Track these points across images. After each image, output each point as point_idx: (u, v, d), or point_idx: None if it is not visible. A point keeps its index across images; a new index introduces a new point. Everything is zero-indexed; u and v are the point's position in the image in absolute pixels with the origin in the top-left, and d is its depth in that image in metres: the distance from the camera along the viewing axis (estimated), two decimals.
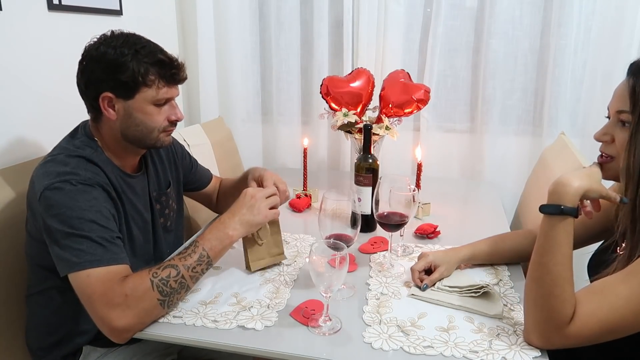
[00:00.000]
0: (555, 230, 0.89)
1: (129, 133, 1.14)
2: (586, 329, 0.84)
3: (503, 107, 2.02)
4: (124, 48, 1.07)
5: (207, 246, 1.07)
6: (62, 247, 0.99)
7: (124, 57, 1.07)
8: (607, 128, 0.96)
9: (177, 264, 1.02)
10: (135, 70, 1.07)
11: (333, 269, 0.93)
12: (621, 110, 0.92)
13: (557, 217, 0.88)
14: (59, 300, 1.15)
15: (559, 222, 0.88)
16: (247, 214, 1.14)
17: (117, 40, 1.09)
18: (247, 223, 1.14)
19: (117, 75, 1.07)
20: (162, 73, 1.11)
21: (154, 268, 1.01)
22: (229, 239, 1.11)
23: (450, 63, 2.06)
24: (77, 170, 1.06)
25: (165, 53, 1.13)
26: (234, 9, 2.15)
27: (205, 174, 1.55)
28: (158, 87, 1.11)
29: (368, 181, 1.40)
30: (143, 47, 1.09)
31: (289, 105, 2.24)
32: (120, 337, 0.96)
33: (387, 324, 1.00)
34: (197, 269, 1.04)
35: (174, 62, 1.13)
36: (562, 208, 0.88)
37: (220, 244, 1.09)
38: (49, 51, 1.48)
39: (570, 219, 0.89)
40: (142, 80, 1.08)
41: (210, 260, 1.07)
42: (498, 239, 1.26)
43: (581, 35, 1.89)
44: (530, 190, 1.77)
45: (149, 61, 1.09)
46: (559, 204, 0.88)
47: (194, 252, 1.05)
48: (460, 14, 2.01)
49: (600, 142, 0.98)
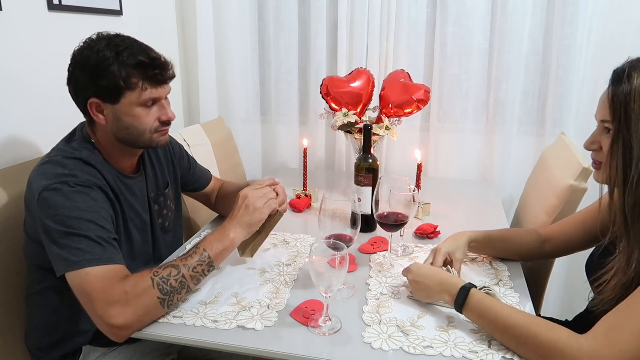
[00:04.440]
0: (478, 308, 0.94)
1: (120, 136, 1.14)
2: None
3: (509, 108, 2.01)
4: (105, 51, 1.06)
5: (208, 247, 1.07)
6: (60, 246, 0.99)
7: (105, 62, 1.05)
8: (595, 136, 0.99)
9: (178, 264, 1.03)
10: (116, 75, 1.05)
11: (333, 269, 0.93)
12: (604, 120, 0.94)
13: (468, 300, 0.95)
14: (57, 300, 1.15)
15: (471, 302, 0.95)
16: (244, 215, 1.15)
17: (99, 43, 1.07)
18: (246, 224, 1.15)
19: (100, 81, 1.06)
20: (144, 74, 1.08)
21: (154, 268, 1.01)
22: (230, 241, 1.12)
23: (457, 65, 2.05)
24: (75, 172, 1.06)
25: (148, 53, 1.10)
26: (234, 9, 2.15)
27: (204, 175, 1.54)
28: (142, 89, 1.09)
29: (368, 181, 1.40)
30: (125, 49, 1.07)
31: (288, 106, 2.24)
32: (118, 335, 0.96)
33: (387, 324, 1.00)
34: (197, 269, 1.04)
35: (156, 62, 1.10)
36: (466, 288, 0.96)
37: (221, 245, 1.10)
38: (49, 51, 1.48)
39: (473, 289, 0.96)
40: (124, 85, 1.07)
41: (212, 262, 1.07)
42: (503, 230, 1.29)
43: (585, 35, 1.89)
44: (530, 190, 1.77)
45: (130, 63, 1.06)
46: (457, 293, 0.97)
47: (195, 253, 1.06)
48: (467, 15, 1.99)
49: (590, 151, 1.01)
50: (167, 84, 1.14)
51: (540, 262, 1.46)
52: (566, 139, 1.66)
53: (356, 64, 2.05)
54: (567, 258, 1.58)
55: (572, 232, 1.20)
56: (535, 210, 1.56)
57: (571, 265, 2.03)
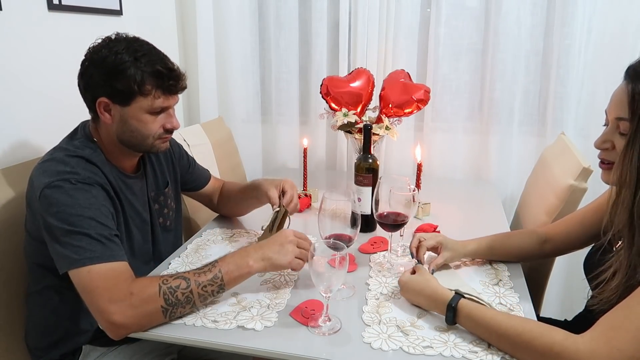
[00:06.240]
0: (469, 321, 0.94)
1: (124, 138, 1.14)
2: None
3: (507, 108, 2.01)
4: (124, 54, 1.07)
5: (224, 269, 1.03)
6: (62, 244, 0.99)
7: (122, 65, 1.06)
8: (607, 135, 0.93)
9: (189, 277, 1.00)
10: (132, 79, 1.06)
11: (333, 269, 0.93)
12: (620, 118, 0.89)
13: (457, 315, 0.95)
14: (57, 300, 1.15)
15: (461, 316, 0.95)
16: (274, 251, 1.08)
17: (119, 45, 1.08)
18: (270, 260, 1.07)
19: (114, 83, 1.07)
20: (159, 83, 1.10)
21: (165, 275, 1.00)
22: (247, 269, 1.05)
23: (454, 64, 2.05)
24: (77, 170, 1.06)
25: (165, 63, 1.11)
26: (234, 9, 2.15)
27: (203, 175, 1.54)
28: (154, 97, 1.10)
29: (368, 181, 1.40)
30: (144, 55, 1.08)
31: (289, 105, 2.24)
32: (115, 333, 0.96)
33: (387, 324, 1.00)
34: (207, 289, 1.01)
35: (173, 73, 1.12)
36: (452, 305, 0.95)
37: (237, 270, 1.04)
38: (49, 51, 1.48)
39: (460, 303, 0.95)
40: (138, 90, 1.08)
41: (224, 285, 1.03)
42: (503, 236, 1.27)
43: (585, 35, 1.88)
44: (530, 190, 1.77)
45: (147, 70, 1.07)
46: (446, 310, 0.96)
47: (210, 271, 1.03)
48: (463, 14, 2.00)
49: (600, 150, 0.96)
50: (178, 95, 1.16)
51: (540, 262, 1.46)
52: (566, 139, 1.66)
53: (357, 64, 2.05)
54: (567, 258, 1.58)
55: (571, 232, 1.20)
56: (535, 210, 1.56)
57: (571, 265, 2.03)
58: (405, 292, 1.08)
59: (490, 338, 0.92)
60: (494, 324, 0.90)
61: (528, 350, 0.85)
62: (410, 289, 1.06)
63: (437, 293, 1.00)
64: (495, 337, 0.90)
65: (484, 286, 1.14)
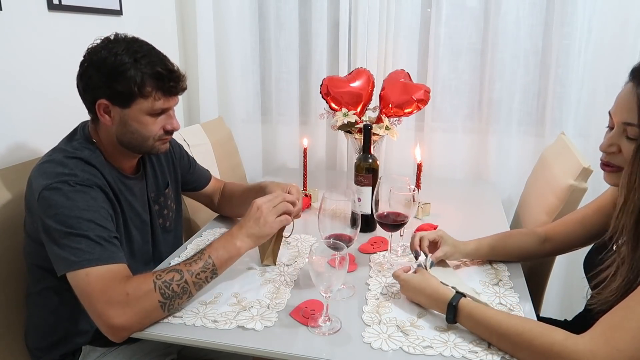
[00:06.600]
0: (469, 321, 0.94)
1: (124, 139, 1.14)
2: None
3: (506, 108, 2.01)
4: (124, 55, 1.06)
5: (213, 255, 1.05)
6: (60, 246, 0.99)
7: (122, 66, 1.05)
8: (613, 138, 0.92)
9: (181, 269, 1.01)
10: (132, 81, 1.06)
11: (333, 269, 0.93)
12: (628, 123, 0.87)
13: (458, 315, 0.95)
14: (57, 301, 1.15)
15: (461, 316, 0.95)
16: (253, 226, 1.11)
17: (118, 46, 1.07)
18: (254, 235, 1.11)
19: (114, 84, 1.06)
20: (159, 85, 1.09)
21: (158, 271, 1.01)
22: (236, 250, 1.09)
23: (454, 64, 2.05)
24: (75, 171, 1.06)
25: (165, 64, 1.11)
26: (234, 9, 2.15)
27: (203, 175, 1.54)
28: (155, 98, 1.10)
29: (368, 181, 1.40)
30: (144, 56, 1.08)
31: (289, 105, 2.24)
32: (117, 336, 0.96)
33: (387, 324, 1.00)
34: (200, 276, 1.03)
35: (173, 74, 1.11)
36: (453, 304, 0.95)
37: (227, 253, 1.07)
38: (49, 51, 1.48)
39: (461, 303, 0.95)
40: (138, 92, 1.07)
41: (216, 269, 1.05)
42: (503, 236, 1.27)
43: (584, 34, 1.88)
44: (530, 190, 1.77)
45: (148, 72, 1.07)
46: (447, 309, 0.96)
47: (200, 259, 1.04)
48: (463, 14, 2.00)
49: (606, 153, 0.95)
50: (178, 96, 1.16)
51: (540, 262, 1.46)
52: (566, 139, 1.66)
53: (357, 64, 2.05)
54: (567, 258, 1.58)
55: (571, 231, 1.20)
56: (535, 210, 1.56)
57: (571, 265, 2.03)
58: (405, 291, 1.08)
59: (491, 337, 0.92)
60: (494, 324, 0.90)
61: (528, 349, 0.85)
62: (411, 288, 1.06)
63: (437, 292, 1.01)
64: (495, 337, 0.90)
65: (484, 286, 1.14)
